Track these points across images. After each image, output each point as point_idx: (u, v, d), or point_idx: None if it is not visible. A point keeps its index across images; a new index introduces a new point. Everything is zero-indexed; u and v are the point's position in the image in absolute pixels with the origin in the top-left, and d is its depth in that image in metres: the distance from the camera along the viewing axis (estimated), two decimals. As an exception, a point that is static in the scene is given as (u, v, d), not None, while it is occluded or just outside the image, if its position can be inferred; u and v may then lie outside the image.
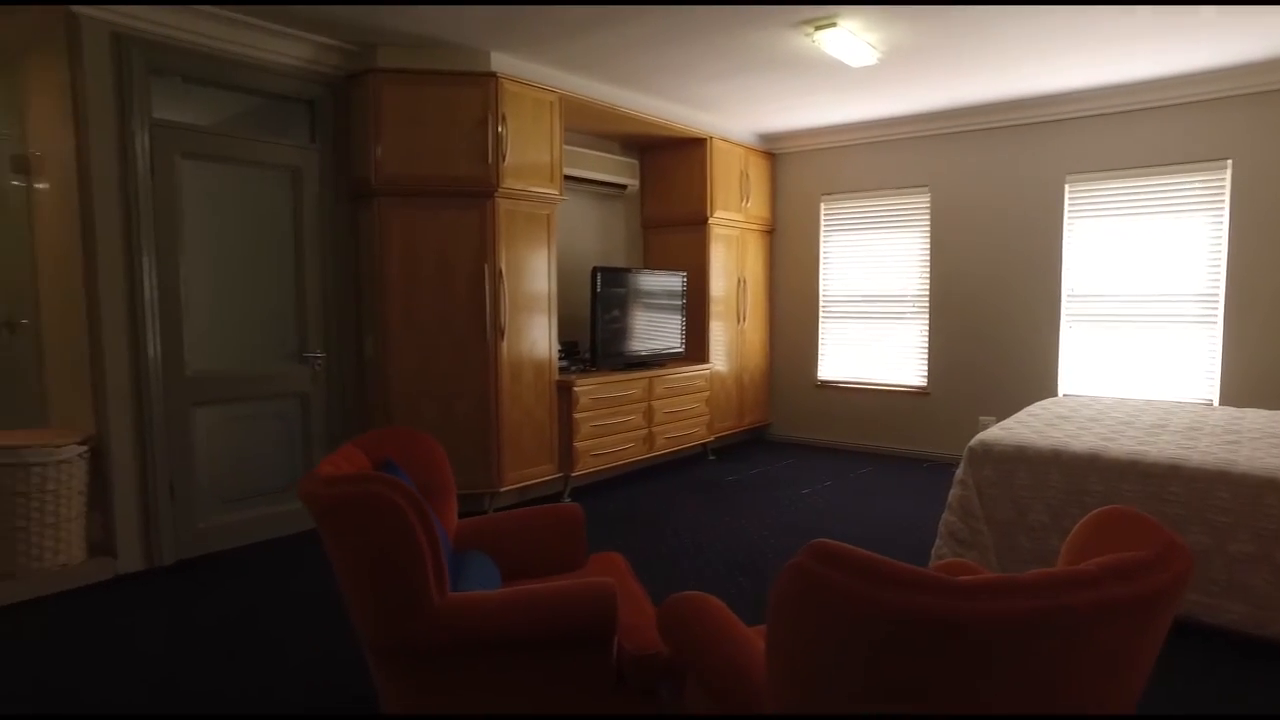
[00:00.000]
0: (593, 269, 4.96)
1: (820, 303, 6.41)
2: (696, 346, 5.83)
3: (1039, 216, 5.37)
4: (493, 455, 4.31)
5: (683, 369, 5.53)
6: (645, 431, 5.19)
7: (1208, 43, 4.07)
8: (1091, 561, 1.19)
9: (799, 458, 5.97)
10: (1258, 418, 3.74)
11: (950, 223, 5.74)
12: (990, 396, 5.61)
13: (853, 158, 6.16)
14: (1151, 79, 4.74)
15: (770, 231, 6.56)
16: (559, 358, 4.75)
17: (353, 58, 4.11)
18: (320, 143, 4.14)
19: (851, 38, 3.89)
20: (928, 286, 5.88)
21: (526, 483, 4.52)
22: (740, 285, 6.17)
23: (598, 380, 4.83)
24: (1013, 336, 5.53)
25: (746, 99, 5.20)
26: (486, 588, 2.00)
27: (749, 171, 6.16)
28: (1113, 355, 5.21)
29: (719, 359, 5.96)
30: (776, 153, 6.50)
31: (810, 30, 3.82)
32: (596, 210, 5.75)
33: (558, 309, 4.68)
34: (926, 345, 5.91)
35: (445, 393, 4.24)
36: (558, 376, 4.68)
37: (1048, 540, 3.09)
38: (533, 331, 4.51)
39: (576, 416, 4.67)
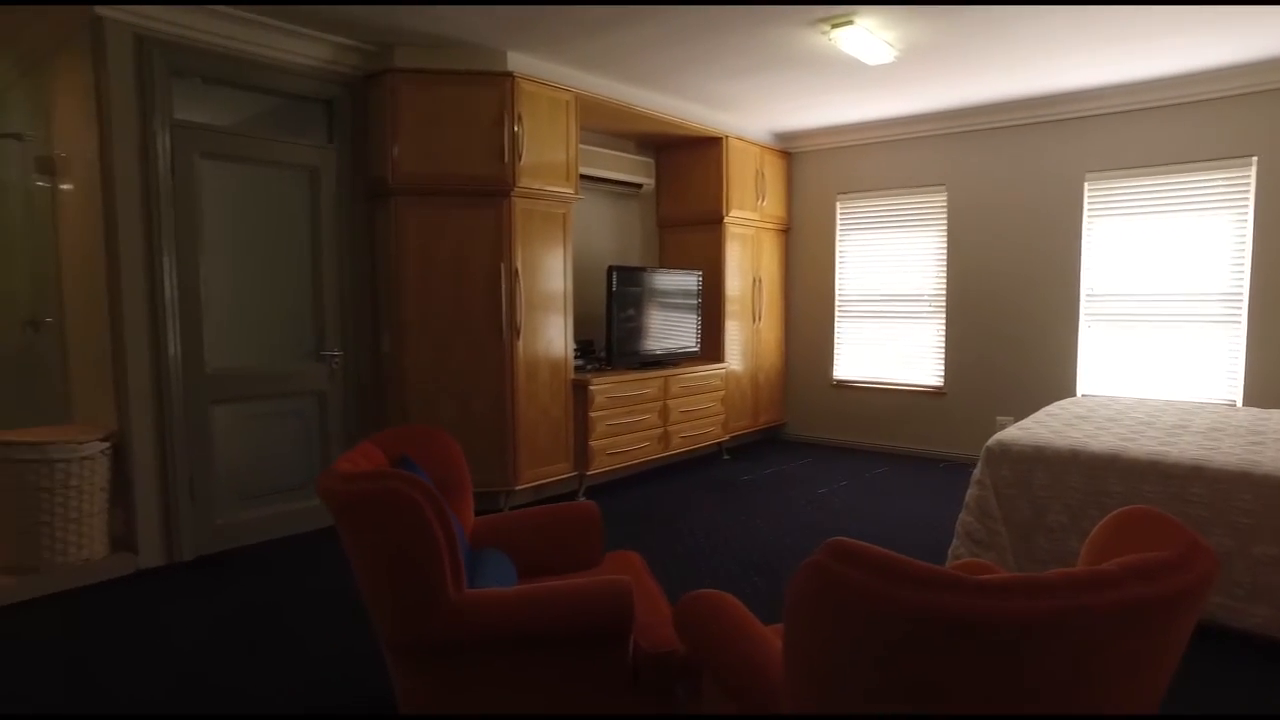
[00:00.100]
0: (608, 268, 4.97)
1: (836, 302, 6.38)
2: (712, 346, 5.82)
3: (1058, 215, 5.31)
4: (509, 453, 4.32)
5: (698, 368, 5.52)
6: (660, 430, 5.19)
7: (1232, 38, 4.01)
8: (1113, 561, 1.18)
9: (814, 457, 5.95)
10: (1282, 419, 3.68)
11: (968, 222, 5.69)
12: (1007, 396, 5.56)
13: (869, 156, 6.12)
14: (1174, 75, 4.67)
15: (786, 231, 6.54)
16: (574, 356, 4.75)
17: (370, 58, 4.14)
18: (338, 142, 4.17)
19: (869, 36, 3.87)
20: (944, 286, 5.83)
21: (542, 481, 4.53)
22: (756, 284, 6.15)
23: (613, 379, 4.83)
24: (1030, 336, 5.48)
25: (762, 98, 5.19)
26: (503, 585, 2.00)
27: (765, 170, 6.14)
28: (1133, 355, 5.15)
29: (734, 358, 5.95)
30: (792, 151, 6.48)
31: (827, 28, 3.80)
32: (612, 209, 5.75)
33: (573, 308, 4.69)
34: (943, 345, 5.87)
35: (462, 391, 4.26)
36: (573, 375, 4.69)
37: (1066, 541, 3.06)
38: (548, 330, 4.52)
39: (592, 415, 4.68)
